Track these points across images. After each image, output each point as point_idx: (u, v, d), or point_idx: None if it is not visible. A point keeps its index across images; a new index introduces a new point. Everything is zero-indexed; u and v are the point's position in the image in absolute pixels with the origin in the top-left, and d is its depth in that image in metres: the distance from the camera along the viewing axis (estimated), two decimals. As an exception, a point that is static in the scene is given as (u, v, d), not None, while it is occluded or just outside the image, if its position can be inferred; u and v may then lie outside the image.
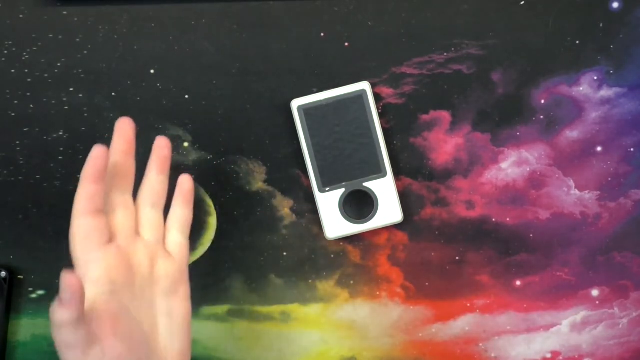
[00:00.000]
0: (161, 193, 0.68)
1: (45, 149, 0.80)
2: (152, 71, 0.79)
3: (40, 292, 0.80)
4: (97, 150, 0.62)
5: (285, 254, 0.80)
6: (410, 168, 0.80)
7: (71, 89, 0.80)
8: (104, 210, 0.64)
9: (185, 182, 0.69)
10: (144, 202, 0.68)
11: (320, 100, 0.77)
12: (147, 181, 0.68)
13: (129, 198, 0.67)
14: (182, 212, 0.69)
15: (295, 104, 0.77)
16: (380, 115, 0.79)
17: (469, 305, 0.80)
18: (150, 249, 0.66)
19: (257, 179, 0.80)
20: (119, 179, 0.66)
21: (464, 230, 0.80)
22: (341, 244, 0.80)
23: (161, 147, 0.68)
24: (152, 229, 0.67)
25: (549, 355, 0.80)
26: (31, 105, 0.80)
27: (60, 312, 0.56)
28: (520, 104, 0.79)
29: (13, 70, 0.80)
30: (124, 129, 0.66)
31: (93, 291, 0.60)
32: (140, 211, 0.67)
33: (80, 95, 0.80)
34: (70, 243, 0.62)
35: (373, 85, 0.79)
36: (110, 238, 0.64)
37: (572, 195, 0.80)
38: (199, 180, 0.80)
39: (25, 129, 0.80)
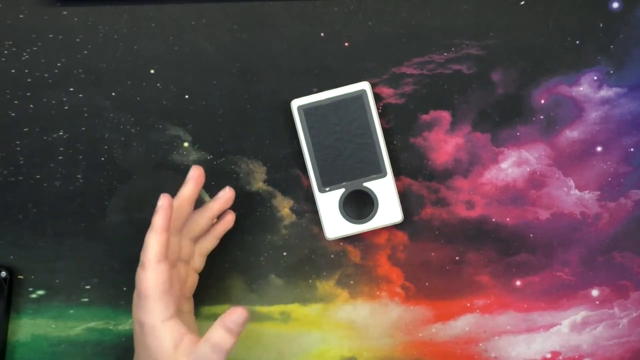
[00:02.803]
0: (203, 232, 0.77)
1: (45, 149, 0.80)
2: (152, 71, 0.79)
3: (40, 292, 0.80)
4: (165, 201, 0.69)
5: (285, 254, 0.80)
6: (410, 168, 0.80)
7: (71, 89, 0.80)
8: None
9: (229, 221, 0.78)
10: (187, 235, 0.75)
11: (320, 100, 0.77)
12: (197, 220, 0.76)
13: (179, 236, 0.74)
14: (214, 242, 0.77)
15: (295, 104, 0.77)
16: (380, 115, 0.79)
17: (469, 305, 0.80)
18: (185, 269, 0.75)
19: (257, 179, 0.80)
20: (179, 220, 0.73)
21: (464, 230, 0.80)
22: (341, 244, 0.80)
23: (227, 200, 0.76)
24: (188, 256, 0.75)
25: (549, 355, 0.80)
26: (31, 105, 0.80)
27: (230, 339, 0.66)
28: (520, 104, 0.79)
29: (13, 70, 0.80)
30: (197, 180, 0.74)
31: (175, 325, 0.69)
32: (182, 241, 0.75)
33: (80, 95, 0.80)
34: (143, 285, 0.68)
35: (373, 85, 0.79)
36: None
37: (572, 195, 0.80)
38: (199, 180, 0.80)
39: (25, 129, 0.80)
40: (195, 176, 0.74)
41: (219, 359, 0.66)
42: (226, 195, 0.76)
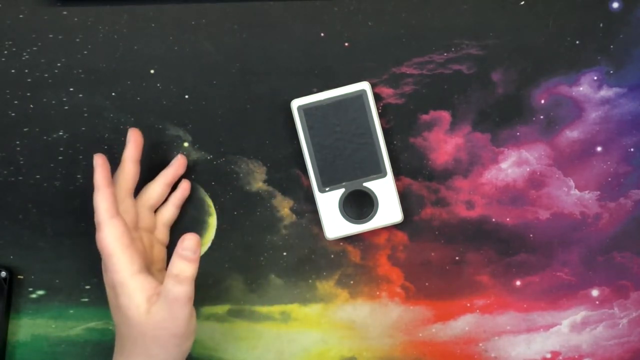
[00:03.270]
0: (161, 200, 0.78)
1: (45, 149, 0.80)
2: (152, 71, 0.79)
3: (40, 292, 0.80)
4: (99, 159, 0.71)
5: (285, 254, 0.80)
6: (410, 168, 0.80)
7: (71, 89, 0.80)
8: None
9: (186, 188, 0.79)
10: (145, 204, 0.77)
11: (320, 100, 0.77)
12: (153, 187, 0.78)
13: (132, 199, 0.75)
14: (175, 212, 0.79)
15: (295, 104, 0.77)
16: (380, 115, 0.79)
17: (469, 305, 0.80)
18: (148, 239, 0.76)
19: (257, 179, 0.80)
20: (125, 182, 0.75)
21: (464, 230, 0.80)
22: (341, 244, 0.80)
23: (180, 166, 0.78)
24: (149, 225, 0.77)
25: (549, 355, 0.80)
26: (31, 105, 0.80)
27: (190, 267, 0.66)
28: (520, 104, 0.79)
29: (13, 70, 0.80)
30: (136, 139, 0.75)
31: (145, 278, 0.69)
32: (140, 210, 0.77)
33: (80, 95, 0.80)
34: (102, 243, 0.69)
35: (373, 85, 0.79)
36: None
37: (572, 195, 0.80)
38: (199, 180, 0.80)
39: (25, 129, 0.80)
40: (132, 137, 0.75)
41: (185, 290, 0.66)
42: (178, 160, 0.78)
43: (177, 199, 0.79)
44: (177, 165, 0.78)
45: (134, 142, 0.75)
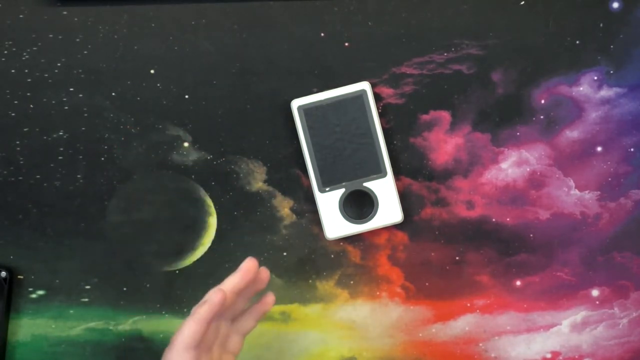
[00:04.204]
0: (240, 312, 0.72)
1: (45, 149, 0.80)
2: (152, 71, 0.79)
3: (40, 292, 0.80)
4: (218, 297, 0.66)
5: (285, 254, 0.80)
6: (410, 168, 0.80)
7: (71, 89, 0.80)
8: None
9: (269, 303, 0.73)
10: (224, 318, 0.71)
11: (320, 100, 0.77)
12: (244, 318, 0.72)
13: (222, 320, 0.71)
14: (253, 324, 0.73)
15: (295, 104, 0.77)
16: (380, 115, 0.79)
17: (469, 305, 0.80)
18: (217, 353, 0.70)
19: (257, 179, 0.80)
20: (225, 310, 0.69)
21: (464, 230, 0.80)
22: (341, 244, 0.80)
23: (261, 281, 0.72)
24: (223, 336, 0.71)
25: (549, 355, 0.80)
26: (31, 105, 0.80)
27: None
28: (520, 104, 0.79)
29: (13, 70, 0.80)
30: (249, 272, 0.69)
31: None
32: (221, 322, 0.71)
33: (80, 95, 0.80)
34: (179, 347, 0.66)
35: (373, 85, 0.79)
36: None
37: (572, 195, 0.80)
38: (199, 180, 0.80)
39: (25, 129, 0.80)
40: (245, 268, 0.69)
41: None
42: (246, 265, 0.70)
43: (258, 313, 0.73)
44: (261, 280, 0.72)
45: (244, 273, 0.69)
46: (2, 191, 0.80)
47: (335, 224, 0.78)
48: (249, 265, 0.69)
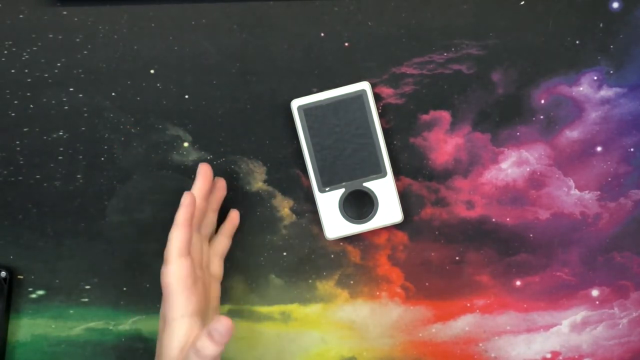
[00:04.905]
0: (212, 227, 0.77)
1: (45, 149, 0.80)
2: (152, 71, 0.79)
3: (40, 292, 0.80)
4: (189, 198, 0.70)
5: (285, 254, 0.80)
6: (410, 168, 0.80)
7: (71, 89, 0.80)
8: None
9: (235, 218, 0.79)
10: (202, 233, 0.76)
11: (320, 100, 0.77)
12: (207, 217, 0.76)
13: (199, 236, 0.74)
14: (227, 242, 0.78)
15: (295, 104, 0.77)
16: (380, 115, 0.79)
17: (469, 305, 0.80)
18: (206, 276, 0.74)
19: (257, 179, 0.80)
20: (196, 218, 0.74)
21: (464, 230, 0.80)
22: (341, 244, 0.80)
23: (220, 188, 0.78)
24: (205, 257, 0.75)
25: (549, 355, 0.80)
26: (31, 105, 0.80)
27: (213, 348, 0.65)
28: (520, 104, 0.79)
29: (13, 70, 0.80)
30: (207, 174, 0.75)
31: (191, 324, 0.68)
32: (201, 240, 0.75)
33: (80, 95, 0.80)
34: (165, 279, 0.69)
35: (373, 85, 0.79)
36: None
37: (572, 195, 0.80)
38: (199, 180, 0.80)
39: (25, 129, 0.80)
40: (202, 172, 0.74)
41: None
42: (218, 183, 0.77)
43: (228, 229, 0.78)
44: (219, 188, 0.77)
45: (203, 176, 0.74)
46: (2, 191, 0.80)
47: (335, 224, 0.78)
48: (204, 168, 0.75)
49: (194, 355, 0.65)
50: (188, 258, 0.69)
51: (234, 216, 0.79)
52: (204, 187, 0.74)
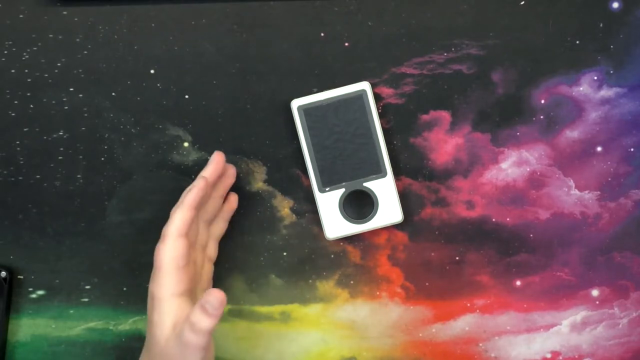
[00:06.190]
0: (216, 214, 0.77)
1: (45, 149, 0.80)
2: (152, 71, 0.79)
3: (40, 292, 0.80)
4: (202, 183, 0.71)
5: (285, 254, 0.80)
6: (410, 168, 0.80)
7: (71, 89, 0.80)
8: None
9: (234, 201, 0.79)
10: (202, 218, 0.75)
11: (320, 100, 0.77)
12: (211, 202, 0.76)
13: (199, 218, 0.75)
14: (224, 226, 0.78)
15: (295, 104, 0.77)
16: (380, 115, 0.79)
17: (469, 305, 0.80)
18: (201, 257, 0.75)
19: (257, 179, 0.80)
20: (203, 205, 0.75)
21: (464, 230, 0.80)
22: (341, 244, 0.80)
23: (229, 176, 0.77)
24: (203, 241, 0.76)
25: (549, 356, 0.80)
26: (31, 105, 0.80)
27: (207, 321, 0.64)
28: (520, 104, 0.79)
29: (13, 70, 0.80)
30: (219, 162, 0.74)
31: (180, 303, 0.69)
32: (198, 226, 0.75)
33: (80, 95, 0.80)
34: (159, 255, 0.69)
35: (373, 85, 0.79)
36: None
37: (572, 195, 0.80)
38: (199, 180, 0.80)
39: (25, 129, 0.80)
40: (215, 159, 0.74)
41: (198, 340, 0.65)
42: (229, 170, 0.77)
43: (227, 213, 0.78)
44: (229, 175, 0.77)
45: (216, 164, 0.74)
46: (2, 191, 0.80)
47: (335, 224, 0.78)
48: (218, 156, 0.74)
49: (188, 330, 0.65)
50: (185, 239, 0.69)
51: (232, 200, 0.79)
52: (214, 174, 0.74)
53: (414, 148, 0.80)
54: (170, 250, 0.69)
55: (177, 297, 0.68)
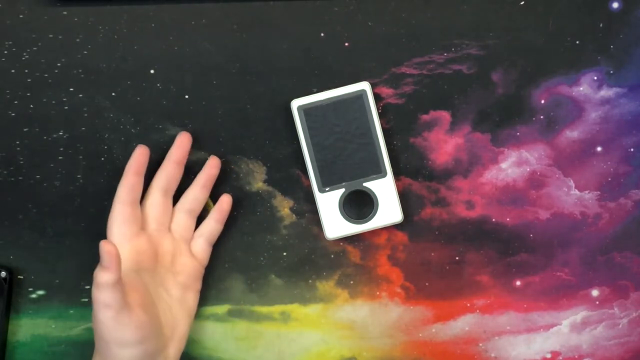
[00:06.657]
0: (199, 204, 0.78)
1: (45, 149, 0.80)
2: (152, 71, 0.79)
3: (40, 292, 0.80)
4: (140, 149, 0.74)
5: (285, 254, 0.80)
6: (410, 168, 0.80)
7: (71, 89, 0.80)
8: (144, 203, 0.76)
9: (225, 202, 0.78)
10: (182, 207, 0.77)
11: (320, 100, 0.77)
12: (191, 191, 0.77)
13: (169, 201, 0.77)
14: (215, 226, 0.78)
15: (295, 104, 0.77)
16: (380, 115, 0.79)
17: (469, 305, 0.80)
18: (175, 245, 0.76)
19: (257, 179, 0.80)
20: (166, 182, 0.76)
21: (464, 230, 0.80)
22: (341, 244, 0.80)
23: (211, 166, 0.78)
24: (182, 229, 0.77)
25: (549, 356, 0.80)
26: (31, 105, 0.80)
27: (103, 275, 0.64)
28: (520, 104, 0.79)
29: (13, 70, 0.80)
30: (184, 143, 0.77)
31: (122, 268, 0.71)
32: (176, 214, 0.77)
33: (80, 95, 0.80)
34: (108, 225, 0.73)
35: (373, 85, 0.79)
36: (143, 227, 0.75)
37: (572, 195, 0.80)
38: (199, 180, 0.80)
39: (25, 129, 0.80)
40: (180, 139, 0.77)
41: (102, 296, 0.65)
42: (210, 161, 0.78)
43: (217, 213, 0.78)
44: (210, 165, 0.78)
45: (180, 143, 0.76)
46: (2, 191, 0.80)
47: (335, 224, 0.78)
48: (182, 135, 0.77)
49: (94, 287, 0.65)
50: (127, 206, 0.72)
51: (224, 201, 0.78)
52: (176, 153, 0.76)
53: (414, 148, 0.80)
54: (110, 217, 0.73)
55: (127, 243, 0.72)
